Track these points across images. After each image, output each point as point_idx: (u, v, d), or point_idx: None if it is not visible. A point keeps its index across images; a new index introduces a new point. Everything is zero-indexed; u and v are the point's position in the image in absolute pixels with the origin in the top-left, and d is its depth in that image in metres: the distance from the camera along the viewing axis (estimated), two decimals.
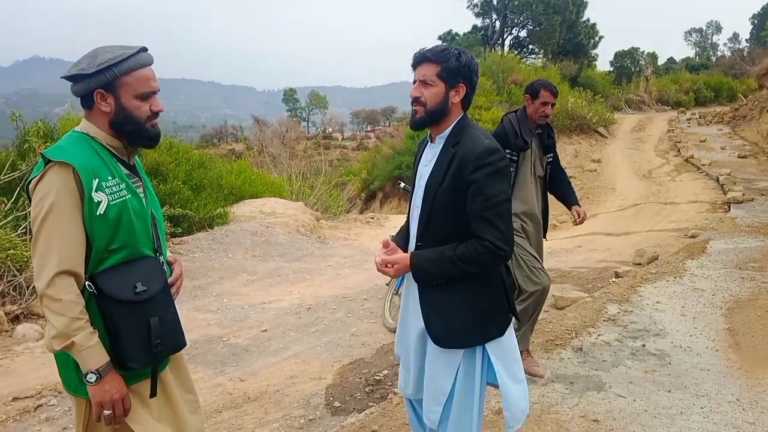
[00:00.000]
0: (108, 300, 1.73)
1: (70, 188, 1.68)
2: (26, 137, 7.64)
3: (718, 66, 42.72)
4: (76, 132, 1.82)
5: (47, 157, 1.70)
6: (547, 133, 3.70)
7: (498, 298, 2.13)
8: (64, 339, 1.63)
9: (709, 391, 3.48)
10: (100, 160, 1.77)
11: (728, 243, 7.06)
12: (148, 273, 1.82)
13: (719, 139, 17.84)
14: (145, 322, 1.78)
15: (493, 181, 1.95)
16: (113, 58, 1.74)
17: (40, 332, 5.02)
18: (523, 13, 36.74)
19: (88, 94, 1.77)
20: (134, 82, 1.78)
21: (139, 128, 1.82)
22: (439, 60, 2.02)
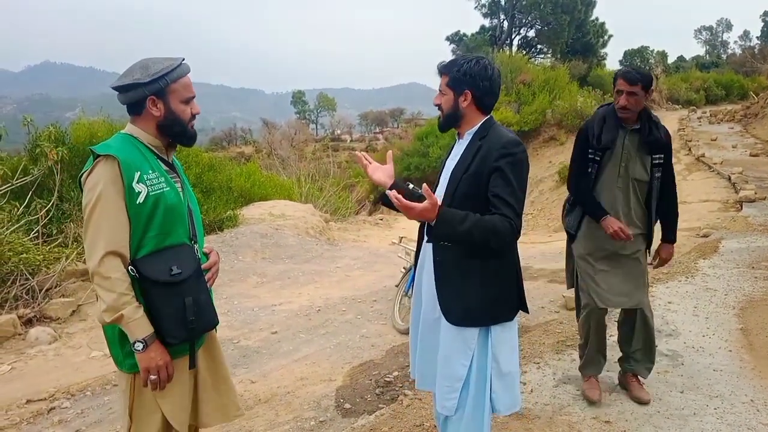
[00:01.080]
0: (148, 282, 1.91)
1: (115, 179, 1.88)
2: (38, 142, 7.73)
3: (729, 64, 42.36)
4: (122, 134, 2.04)
5: (96, 153, 1.91)
6: (648, 128, 3.17)
7: (510, 285, 2.29)
8: (114, 312, 1.84)
9: (723, 392, 3.44)
10: (141, 156, 1.98)
11: (741, 242, 6.99)
12: (182, 258, 2.02)
13: (731, 138, 17.68)
14: (181, 301, 1.97)
15: (514, 170, 2.13)
16: (165, 68, 1.97)
17: (52, 335, 5.06)
18: (531, 12, 36.62)
19: (141, 100, 1.98)
20: (180, 88, 2.03)
21: (183, 129, 2.07)
22: (446, 71, 2.29)
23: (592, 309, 3.26)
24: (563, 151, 17.56)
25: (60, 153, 7.37)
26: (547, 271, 7.01)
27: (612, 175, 3.19)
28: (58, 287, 5.90)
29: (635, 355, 3.37)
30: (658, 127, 3.20)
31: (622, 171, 3.17)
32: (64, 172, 7.55)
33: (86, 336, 5.19)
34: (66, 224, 6.97)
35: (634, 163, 3.17)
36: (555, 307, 5.44)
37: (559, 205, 14.15)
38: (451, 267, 2.23)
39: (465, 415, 2.23)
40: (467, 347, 2.22)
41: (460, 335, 2.22)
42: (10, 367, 4.51)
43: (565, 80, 22.01)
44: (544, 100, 19.35)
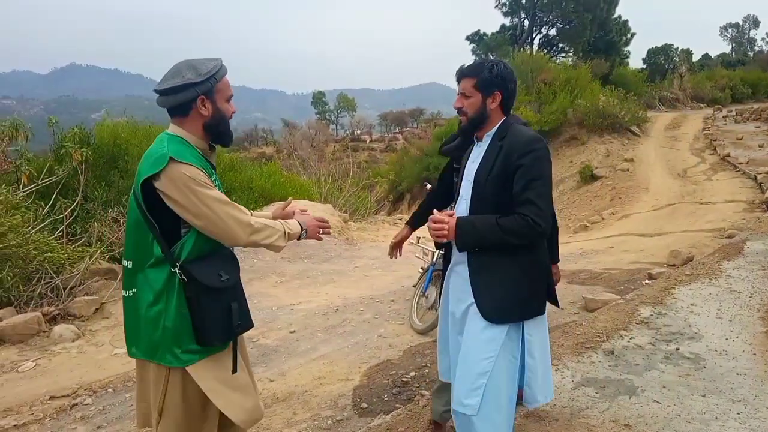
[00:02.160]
0: (197, 286, 1.97)
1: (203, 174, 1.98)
2: (63, 143, 7.88)
3: (756, 61, 41.52)
4: (172, 135, 2.05)
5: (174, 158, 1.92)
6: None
7: (541, 279, 2.32)
8: (282, 237, 2.15)
9: (746, 396, 3.38)
10: (204, 160, 2.06)
11: (766, 243, 6.85)
12: (227, 263, 2.11)
13: (757, 137, 17.31)
14: (227, 306, 2.05)
15: (537, 165, 2.18)
16: (214, 68, 2.01)
17: (76, 332, 5.16)
18: (552, 11, 36.28)
19: (191, 101, 2.00)
20: (224, 87, 2.08)
21: (227, 127, 2.13)
22: (474, 74, 2.30)
23: None
24: (584, 150, 17.38)
25: (84, 154, 7.51)
26: (567, 272, 6.94)
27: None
28: (81, 285, 6.01)
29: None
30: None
31: None
32: (88, 172, 7.70)
33: (109, 334, 5.27)
34: (90, 223, 7.09)
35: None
36: (575, 309, 5.39)
37: (579, 205, 14.02)
38: (484, 264, 2.28)
39: (489, 414, 2.21)
40: (494, 342, 2.22)
41: (488, 330, 2.23)
42: (34, 363, 4.60)
43: (586, 79, 21.75)
44: (565, 100, 19.14)
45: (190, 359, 2.01)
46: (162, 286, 1.98)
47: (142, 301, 2.01)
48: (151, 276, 2.00)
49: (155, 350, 2.01)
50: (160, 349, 2.00)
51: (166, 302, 1.98)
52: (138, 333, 2.04)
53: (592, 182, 15.03)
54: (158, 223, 1.97)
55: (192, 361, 2.01)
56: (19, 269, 5.61)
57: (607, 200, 13.55)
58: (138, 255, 2.02)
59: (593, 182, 15.00)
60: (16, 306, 5.46)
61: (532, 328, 2.29)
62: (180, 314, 1.98)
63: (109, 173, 8.01)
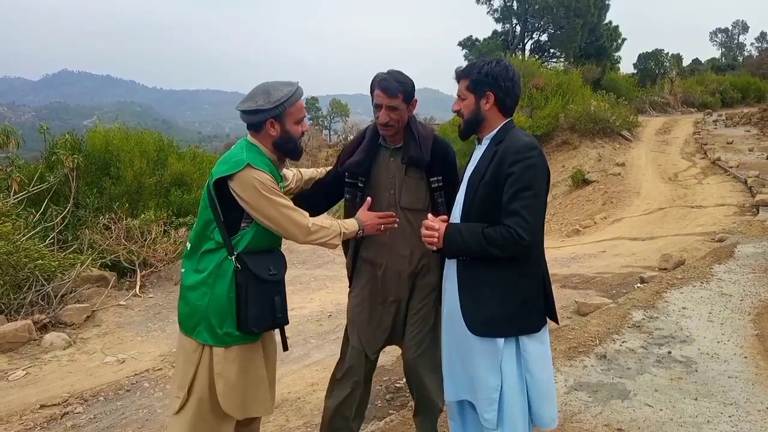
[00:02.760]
0: (248, 275, 2.21)
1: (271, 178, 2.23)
2: (54, 149, 7.83)
3: (745, 66, 41.87)
4: (249, 143, 2.31)
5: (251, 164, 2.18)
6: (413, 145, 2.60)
7: (535, 294, 2.21)
8: (339, 236, 2.38)
9: (738, 399, 3.39)
10: (275, 169, 2.33)
11: (757, 247, 6.90)
12: (277, 260, 2.36)
13: (747, 141, 17.48)
14: (271, 298, 2.28)
15: (527, 174, 2.07)
16: (284, 96, 2.23)
17: (67, 340, 5.12)
18: (543, 17, 36.50)
19: (261, 122, 2.26)
20: (295, 111, 2.30)
21: (295, 145, 2.36)
22: (465, 75, 2.25)
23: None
24: (576, 155, 17.46)
25: (76, 160, 7.47)
26: (559, 276, 6.96)
27: (380, 206, 2.61)
28: (73, 293, 5.98)
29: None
30: (423, 143, 2.61)
31: (392, 199, 2.64)
32: (79, 178, 7.66)
33: (100, 342, 5.23)
34: (81, 231, 7.05)
35: (402, 189, 2.64)
36: (567, 313, 5.40)
37: (572, 210, 14.06)
38: (473, 276, 2.20)
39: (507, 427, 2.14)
40: (494, 357, 2.14)
41: (485, 346, 2.16)
42: (24, 372, 4.56)
43: (578, 84, 21.86)
44: (557, 105, 19.23)
45: (225, 341, 2.22)
46: (213, 268, 2.22)
47: (191, 279, 2.27)
48: (205, 258, 2.25)
49: (195, 326, 2.24)
50: (200, 325, 2.23)
51: (213, 284, 2.22)
52: (185, 306, 2.29)
53: (584, 186, 15.10)
54: (224, 216, 2.23)
55: (227, 343, 2.23)
56: (10, 277, 5.56)
57: (599, 204, 13.61)
58: (198, 239, 2.29)
59: (585, 186, 15.07)
60: (6, 314, 5.41)
61: (529, 345, 2.17)
62: (229, 298, 2.21)
63: (100, 180, 7.97)
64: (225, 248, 2.22)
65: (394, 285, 2.70)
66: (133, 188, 8.02)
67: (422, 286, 2.73)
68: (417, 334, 2.77)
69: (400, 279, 2.69)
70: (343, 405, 2.80)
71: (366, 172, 2.66)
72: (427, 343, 2.78)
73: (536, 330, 2.19)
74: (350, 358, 2.81)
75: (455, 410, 2.44)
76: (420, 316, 2.74)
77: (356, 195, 2.69)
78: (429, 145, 2.63)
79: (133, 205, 7.84)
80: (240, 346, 2.26)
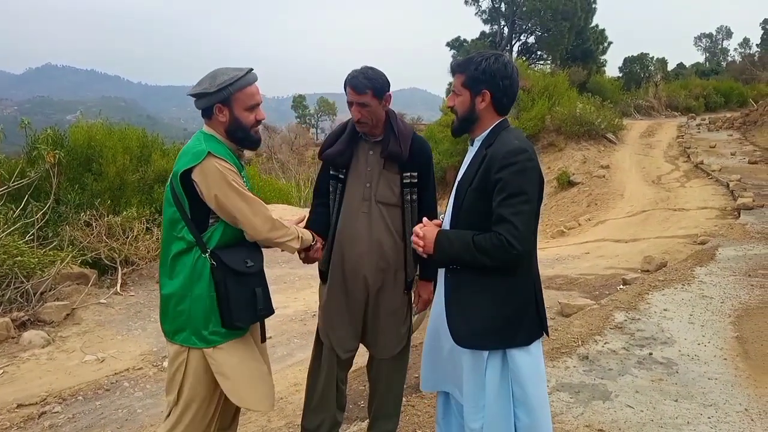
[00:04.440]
0: (225, 270, 2.16)
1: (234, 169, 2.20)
2: (35, 144, 7.71)
3: (729, 71, 42.44)
4: (206, 133, 2.25)
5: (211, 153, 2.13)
6: (392, 140, 2.62)
7: (525, 307, 2.09)
8: (297, 240, 2.37)
9: (717, 400, 3.43)
10: (235, 158, 2.27)
11: (738, 250, 6.98)
12: (252, 252, 2.29)
13: (729, 145, 17.71)
14: (251, 290, 2.24)
15: (517, 180, 1.96)
16: (229, 79, 2.17)
17: (46, 339, 5.04)
18: (531, 19, 36.71)
19: (209, 107, 2.21)
20: (244, 97, 2.22)
21: (246, 134, 2.28)
22: (462, 70, 2.13)
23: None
24: (562, 157, 17.58)
25: (58, 156, 7.36)
26: (543, 278, 6.94)
27: (355, 198, 2.66)
28: (52, 290, 5.88)
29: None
30: (402, 139, 2.63)
31: (368, 193, 2.65)
32: (61, 174, 7.54)
33: (80, 340, 5.16)
34: (62, 227, 6.95)
35: (379, 182, 2.65)
36: (551, 314, 5.43)
37: (557, 211, 14.16)
38: (460, 285, 2.11)
39: None
40: (479, 368, 2.08)
41: (472, 357, 2.10)
42: (1, 370, 4.48)
43: (564, 86, 22.00)
44: (544, 107, 19.35)
45: (215, 341, 2.20)
46: (189, 271, 2.17)
47: (169, 287, 2.21)
48: (179, 262, 2.19)
49: (178, 331, 2.21)
50: (186, 330, 2.19)
51: (191, 286, 2.17)
52: (165, 314, 2.25)
53: (570, 188, 15.21)
54: (191, 212, 2.17)
55: (216, 342, 2.20)
56: None
57: (583, 206, 13.71)
58: (168, 241, 2.22)
59: (570, 188, 15.18)
60: None
61: (518, 357, 2.06)
62: (210, 297, 2.18)
63: (82, 176, 7.85)
64: (197, 247, 2.17)
65: (365, 280, 2.68)
66: (116, 185, 7.90)
67: (395, 281, 2.72)
68: (389, 336, 2.78)
69: (373, 274, 2.67)
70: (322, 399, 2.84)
71: (346, 163, 2.68)
72: (402, 346, 2.81)
73: (526, 344, 2.07)
74: (324, 357, 2.83)
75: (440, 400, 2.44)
76: (393, 315, 2.75)
77: (337, 187, 2.70)
78: (408, 141, 2.65)
79: (116, 202, 7.73)
80: (230, 341, 2.24)
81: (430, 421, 3.28)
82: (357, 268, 2.66)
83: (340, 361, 2.83)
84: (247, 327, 2.30)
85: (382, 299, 2.72)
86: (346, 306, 2.74)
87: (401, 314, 2.79)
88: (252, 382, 2.28)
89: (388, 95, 2.60)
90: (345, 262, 2.68)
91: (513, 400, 2.07)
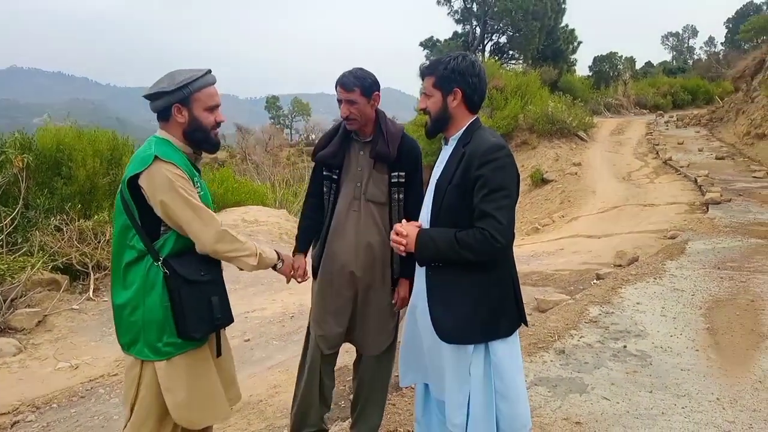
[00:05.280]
0: (178, 279, 2.09)
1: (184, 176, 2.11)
2: (3, 149, 7.53)
3: (695, 69, 43.37)
4: (160, 138, 2.18)
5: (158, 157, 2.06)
6: (381, 141, 2.70)
7: (506, 298, 2.17)
8: (253, 257, 2.23)
9: (690, 391, 3.51)
10: (188, 162, 2.19)
11: (707, 243, 7.15)
12: (208, 260, 2.20)
13: (697, 141, 18.12)
14: (207, 299, 2.17)
15: (497, 176, 2.03)
16: (188, 78, 2.12)
17: (17, 346, 4.93)
18: (502, 19, 37.00)
19: (167, 108, 2.14)
20: (204, 97, 2.17)
21: (206, 135, 2.22)
22: (431, 72, 2.18)
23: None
24: (535, 155, 17.78)
25: (26, 160, 7.20)
26: (519, 274, 7.01)
27: (347, 197, 2.75)
28: (23, 297, 5.76)
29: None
30: (390, 139, 2.70)
31: (358, 192, 2.73)
32: (30, 179, 7.38)
33: (52, 347, 5.06)
34: (31, 232, 6.80)
35: (369, 182, 2.73)
36: (527, 310, 5.47)
37: (531, 209, 14.31)
38: (442, 281, 2.15)
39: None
40: (464, 364, 2.11)
41: (454, 353, 2.12)
42: None
43: (536, 86, 22.25)
44: (516, 105, 19.55)
45: (169, 352, 2.12)
46: (141, 281, 2.10)
47: (121, 297, 2.13)
48: (131, 271, 2.12)
49: (132, 343, 2.14)
50: (139, 342, 2.12)
51: (144, 296, 2.10)
52: (119, 326, 2.18)
53: (543, 186, 15.40)
54: (141, 220, 2.10)
55: (170, 354, 2.12)
56: None
57: (557, 203, 13.89)
58: (119, 250, 2.15)
59: (544, 186, 15.37)
60: None
61: (500, 349, 2.12)
62: (164, 307, 2.10)
63: (51, 180, 7.69)
64: (149, 255, 2.10)
65: (352, 276, 2.75)
66: (86, 188, 7.76)
67: (384, 278, 2.79)
68: (378, 333, 2.83)
69: (361, 270, 2.74)
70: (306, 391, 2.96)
71: (340, 163, 2.77)
72: (383, 341, 2.86)
73: (508, 335, 2.15)
74: (309, 351, 2.94)
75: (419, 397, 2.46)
76: (380, 311, 2.81)
77: (331, 187, 2.79)
78: (397, 141, 2.72)
79: (86, 206, 7.59)
80: (185, 354, 2.16)
81: (410, 419, 3.29)
82: (345, 264, 2.73)
83: (324, 356, 2.91)
84: (205, 338, 2.21)
85: (370, 296, 2.79)
86: (334, 302, 2.81)
87: (389, 311, 2.85)
88: (200, 400, 2.20)
89: (376, 95, 2.69)
90: (334, 259, 2.76)
91: (495, 393, 2.11)
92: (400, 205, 2.76)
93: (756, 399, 3.39)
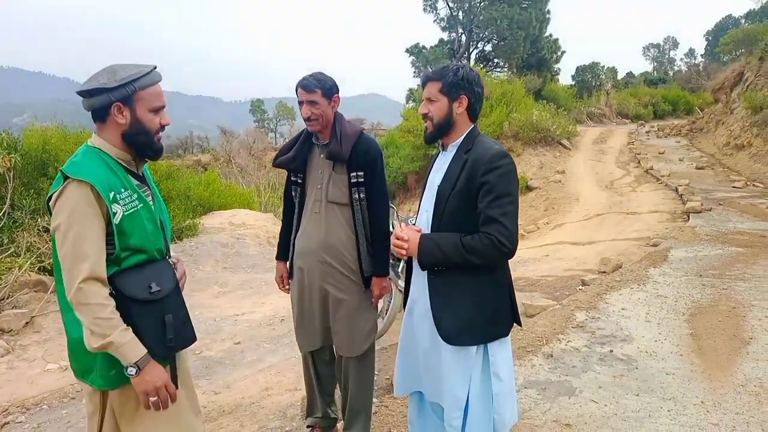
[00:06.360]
0: (126, 299, 1.85)
1: (90, 201, 1.81)
2: None
3: (676, 80, 44.12)
4: (90, 147, 1.93)
5: (66, 174, 1.81)
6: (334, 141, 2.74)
7: (504, 299, 2.25)
8: (101, 338, 1.77)
9: (675, 394, 3.61)
10: (113, 174, 1.89)
11: (688, 251, 7.31)
12: (160, 274, 1.98)
13: (677, 151, 18.46)
14: (160, 318, 1.92)
15: (503, 182, 2.09)
16: (133, 75, 1.88)
17: (5, 347, 4.89)
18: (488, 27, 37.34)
19: (105, 107, 1.88)
20: (149, 96, 1.92)
21: (150, 139, 1.96)
22: (439, 77, 2.21)
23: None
24: (520, 162, 17.95)
25: (13, 160, 7.14)
26: None
27: (311, 200, 2.83)
28: (10, 298, 5.71)
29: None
30: (344, 139, 2.74)
31: (320, 194, 2.80)
32: (16, 179, 7.31)
33: (41, 348, 5.02)
34: (18, 233, 6.73)
35: (330, 183, 2.79)
36: None
37: None
38: (445, 284, 2.19)
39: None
40: (466, 366, 2.16)
41: (457, 354, 2.17)
42: None
43: (521, 94, 22.48)
44: (501, 113, 19.75)
45: (120, 381, 1.88)
46: None
47: (69, 321, 1.89)
48: None
49: (86, 371, 1.92)
50: (93, 370, 1.89)
51: None
52: (71, 351, 1.96)
53: (528, 193, 15.56)
54: None
55: (122, 382, 1.88)
56: None
57: (541, 210, 14.05)
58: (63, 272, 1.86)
59: (529, 193, 15.53)
60: None
61: (497, 349, 2.21)
62: None
63: (38, 180, 7.64)
64: None
65: (320, 276, 2.82)
66: None
67: (352, 278, 2.84)
68: (353, 334, 2.87)
69: (327, 274, 2.81)
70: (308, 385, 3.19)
71: (302, 168, 2.85)
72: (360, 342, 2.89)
73: (505, 335, 2.24)
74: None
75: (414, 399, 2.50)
76: (351, 312, 2.85)
77: (297, 191, 2.89)
78: (351, 141, 2.76)
79: None
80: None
81: (404, 421, 3.34)
82: (310, 267, 2.83)
83: (312, 351, 3.04)
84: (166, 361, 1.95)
85: (341, 297, 2.83)
86: (304, 304, 2.91)
87: (363, 312, 2.89)
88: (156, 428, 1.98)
89: (336, 97, 2.77)
90: (301, 261, 2.87)
91: (492, 394, 2.18)
92: (362, 205, 2.79)
93: (738, 402, 3.50)
